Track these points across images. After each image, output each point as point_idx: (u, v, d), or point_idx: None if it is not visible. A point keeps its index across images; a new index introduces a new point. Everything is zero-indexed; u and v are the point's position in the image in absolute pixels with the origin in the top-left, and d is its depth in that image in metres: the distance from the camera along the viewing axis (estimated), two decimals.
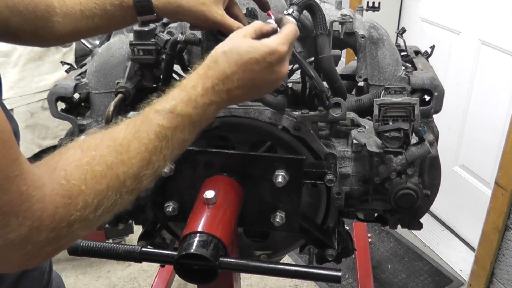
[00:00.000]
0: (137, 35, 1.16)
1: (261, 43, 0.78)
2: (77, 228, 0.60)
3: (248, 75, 0.77)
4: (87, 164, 0.61)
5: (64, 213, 0.58)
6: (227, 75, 0.76)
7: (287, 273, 0.91)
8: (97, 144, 0.64)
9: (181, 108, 0.71)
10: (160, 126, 0.69)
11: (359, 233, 2.47)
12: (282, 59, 0.80)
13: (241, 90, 0.78)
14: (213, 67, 0.76)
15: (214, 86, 0.75)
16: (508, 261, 2.12)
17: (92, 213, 0.60)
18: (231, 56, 0.76)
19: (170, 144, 0.70)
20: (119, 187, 0.63)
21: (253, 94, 0.83)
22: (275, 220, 1.08)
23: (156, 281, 2.23)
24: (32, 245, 0.57)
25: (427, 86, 1.21)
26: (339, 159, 1.19)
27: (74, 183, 0.59)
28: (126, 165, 0.64)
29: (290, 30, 0.83)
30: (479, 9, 2.33)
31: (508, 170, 1.98)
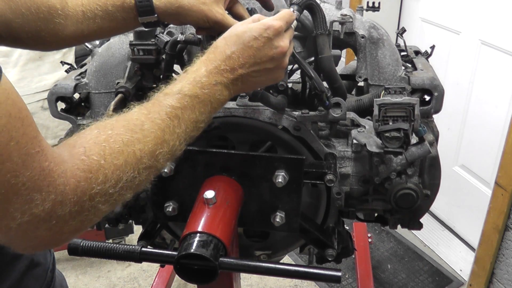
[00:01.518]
0: (137, 35, 1.16)
1: (257, 23, 0.82)
2: (99, 202, 0.62)
3: (248, 52, 0.79)
4: (104, 141, 0.64)
5: (86, 186, 0.60)
6: (227, 55, 0.78)
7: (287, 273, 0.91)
8: (113, 124, 0.67)
9: (188, 89, 0.75)
10: (170, 106, 0.72)
11: (359, 233, 2.47)
12: (279, 33, 0.82)
13: (245, 68, 0.80)
14: (214, 51, 0.80)
15: (217, 67, 0.78)
16: (508, 261, 2.12)
17: (112, 188, 0.62)
18: (229, 39, 0.80)
19: (183, 123, 0.73)
20: (136, 163, 0.66)
21: (259, 73, 0.83)
22: (275, 220, 1.08)
23: (156, 281, 2.23)
24: (56, 219, 0.58)
25: (427, 86, 1.21)
26: (339, 159, 1.19)
27: (93, 158, 0.61)
28: (141, 143, 0.67)
29: (285, 11, 0.87)
30: (479, 9, 2.33)
31: (508, 170, 1.98)
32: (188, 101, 0.74)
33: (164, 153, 0.70)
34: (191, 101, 0.74)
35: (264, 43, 0.80)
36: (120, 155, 0.64)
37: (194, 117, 0.75)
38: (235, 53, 0.79)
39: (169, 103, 0.73)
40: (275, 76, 0.87)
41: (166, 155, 0.71)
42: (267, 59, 0.82)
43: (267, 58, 0.82)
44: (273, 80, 0.87)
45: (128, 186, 0.65)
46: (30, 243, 0.61)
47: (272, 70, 0.84)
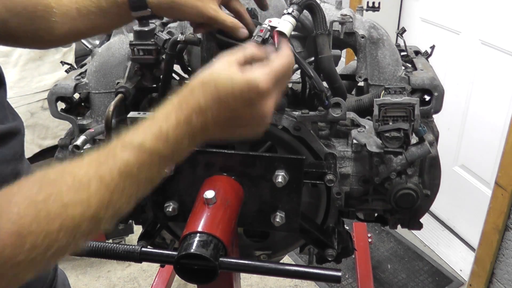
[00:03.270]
0: (137, 35, 1.16)
1: (241, 76, 0.69)
2: (23, 269, 0.55)
3: (224, 112, 0.69)
4: (42, 201, 0.57)
5: (11, 253, 0.53)
6: (201, 107, 0.68)
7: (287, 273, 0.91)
8: (56, 179, 0.60)
9: (151, 143, 0.65)
10: (125, 162, 0.63)
11: (359, 233, 2.47)
12: (264, 96, 0.70)
13: (218, 127, 0.70)
14: (188, 98, 0.69)
15: (187, 118, 0.68)
16: (508, 261, 2.12)
17: (41, 255, 0.56)
18: (207, 88, 0.69)
19: (136, 183, 0.64)
20: (73, 229, 0.58)
21: (233, 132, 0.74)
22: (275, 220, 1.08)
23: (156, 281, 2.23)
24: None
25: (427, 86, 1.21)
26: (339, 159, 1.19)
27: (25, 222, 0.55)
28: (83, 206, 0.59)
29: (281, 63, 0.74)
30: (479, 9, 2.33)
31: (508, 170, 1.98)
32: (147, 158, 0.65)
33: (108, 217, 0.62)
34: (150, 158, 0.65)
35: (244, 104, 0.69)
36: (56, 219, 0.56)
37: (150, 176, 0.66)
38: (209, 109, 0.68)
39: (125, 157, 0.63)
40: (253, 133, 0.76)
41: (110, 219, 0.63)
42: (245, 121, 0.72)
43: (245, 121, 0.72)
44: (247, 137, 0.76)
45: (59, 253, 0.57)
46: None
47: (250, 129, 0.75)
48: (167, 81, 1.21)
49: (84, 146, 1.17)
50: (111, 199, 0.62)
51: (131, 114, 1.18)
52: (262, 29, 1.01)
